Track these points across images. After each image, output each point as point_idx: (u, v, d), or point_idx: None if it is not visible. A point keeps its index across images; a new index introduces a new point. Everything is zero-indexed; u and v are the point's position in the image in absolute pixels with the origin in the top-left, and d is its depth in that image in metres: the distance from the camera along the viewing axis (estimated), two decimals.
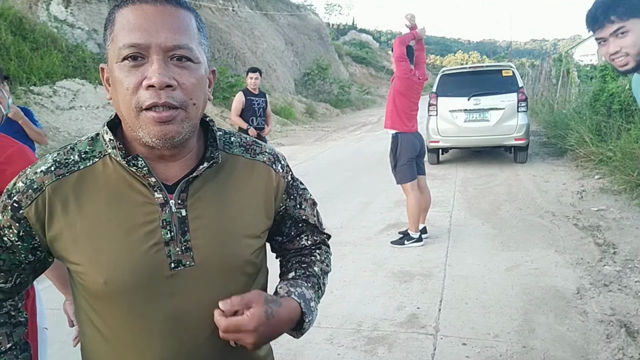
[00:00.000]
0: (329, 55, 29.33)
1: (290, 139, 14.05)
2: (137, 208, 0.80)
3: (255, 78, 5.76)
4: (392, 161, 4.34)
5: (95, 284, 0.79)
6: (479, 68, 8.92)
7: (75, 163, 0.81)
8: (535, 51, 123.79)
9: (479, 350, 2.67)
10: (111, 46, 0.77)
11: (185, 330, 0.82)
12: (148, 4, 0.75)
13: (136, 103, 0.75)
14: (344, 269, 3.96)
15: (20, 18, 10.88)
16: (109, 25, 0.78)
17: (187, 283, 0.81)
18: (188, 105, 0.77)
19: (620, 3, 1.44)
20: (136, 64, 0.75)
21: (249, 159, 0.91)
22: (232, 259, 0.85)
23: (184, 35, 0.77)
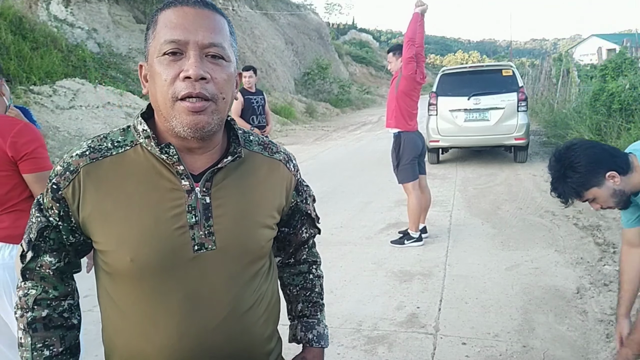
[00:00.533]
0: (329, 55, 29.31)
1: (290, 138, 14.04)
2: (166, 193, 0.87)
3: (249, 76, 5.74)
4: (395, 160, 4.34)
5: (121, 262, 0.85)
6: (479, 68, 8.91)
7: (108, 149, 0.88)
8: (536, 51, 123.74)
9: (479, 349, 2.67)
10: (153, 43, 0.85)
11: (203, 310, 0.88)
12: (189, 6, 0.84)
13: (172, 93, 0.82)
14: (344, 269, 3.96)
15: (20, 17, 10.87)
16: (152, 25, 0.87)
17: (208, 265, 0.88)
18: (218, 99, 0.85)
19: (569, 190, 1.65)
20: (175, 58, 0.83)
21: (267, 157, 1.00)
22: (251, 245, 0.93)
23: (219, 35, 0.86)
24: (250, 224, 0.93)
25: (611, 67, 9.46)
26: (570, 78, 12.76)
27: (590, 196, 1.65)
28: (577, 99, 10.89)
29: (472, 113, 7.96)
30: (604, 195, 1.63)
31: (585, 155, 1.62)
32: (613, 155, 1.63)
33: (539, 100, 16.42)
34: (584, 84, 11.69)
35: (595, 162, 1.60)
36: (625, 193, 1.62)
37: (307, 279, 1.18)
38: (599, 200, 1.65)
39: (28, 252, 0.91)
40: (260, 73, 19.31)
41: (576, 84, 12.05)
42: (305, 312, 1.16)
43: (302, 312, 1.16)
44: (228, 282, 0.90)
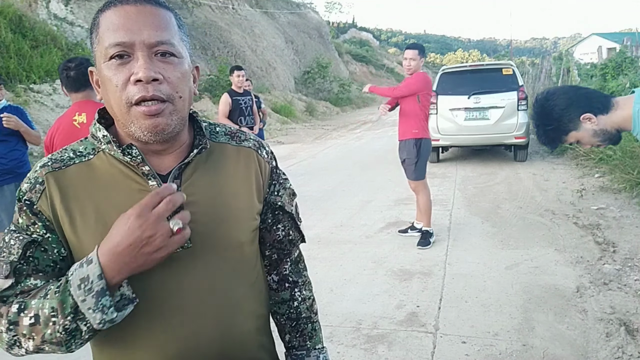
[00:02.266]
0: (329, 54, 29.29)
1: (290, 137, 14.04)
2: (134, 195, 0.83)
3: (241, 76, 5.71)
4: (414, 159, 4.33)
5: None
6: (479, 66, 8.90)
7: (71, 159, 0.86)
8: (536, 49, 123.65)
9: (479, 348, 2.68)
10: (98, 47, 0.82)
11: (183, 312, 0.85)
12: (129, 4, 0.80)
13: (126, 99, 0.79)
14: (343, 268, 3.97)
15: (20, 16, 10.86)
16: (94, 29, 0.83)
17: (185, 265, 0.85)
18: (175, 98, 0.81)
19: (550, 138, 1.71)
20: (123, 61, 0.79)
21: (235, 146, 0.96)
22: (227, 240, 0.90)
23: (166, 32, 0.81)
24: (225, 218, 0.89)
25: (611, 66, 9.46)
26: (570, 77, 12.75)
27: (573, 139, 1.67)
28: None
29: (472, 112, 7.95)
30: (585, 137, 1.64)
31: (559, 102, 1.65)
32: (589, 98, 1.64)
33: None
34: (584, 83, 11.68)
35: (568, 107, 1.63)
36: (608, 131, 1.63)
37: (291, 307, 1.09)
38: (583, 141, 1.67)
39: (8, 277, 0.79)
40: (260, 72, 19.35)
41: (576, 82, 12.04)
42: (293, 343, 1.09)
43: (291, 343, 1.09)
44: (207, 279, 0.87)
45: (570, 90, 1.70)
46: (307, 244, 3.84)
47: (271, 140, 12.69)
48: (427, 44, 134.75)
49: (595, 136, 1.64)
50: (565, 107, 1.63)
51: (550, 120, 1.67)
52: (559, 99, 1.65)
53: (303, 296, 1.10)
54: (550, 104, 1.67)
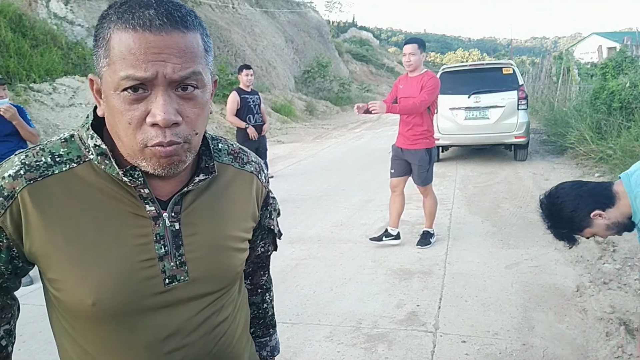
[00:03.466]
0: (329, 53, 29.27)
1: (290, 136, 14.03)
2: (127, 220, 0.75)
3: (250, 75, 5.76)
4: (426, 166, 4.19)
5: (80, 304, 0.74)
6: (479, 66, 8.90)
7: (49, 167, 0.74)
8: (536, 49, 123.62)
9: (479, 347, 2.68)
10: (107, 71, 0.70)
11: (176, 346, 0.80)
12: (152, 32, 0.68)
13: (141, 140, 0.71)
14: (343, 267, 3.97)
15: (20, 15, 10.85)
16: (102, 45, 0.71)
17: (180, 298, 0.79)
18: (192, 138, 0.74)
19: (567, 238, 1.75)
20: (137, 96, 0.69)
21: (237, 169, 0.90)
22: (225, 271, 0.85)
23: (192, 63, 0.71)
24: (224, 248, 0.84)
25: (612, 65, 9.44)
26: (570, 76, 12.75)
27: (589, 234, 1.69)
28: (577, 97, 10.89)
29: (472, 111, 7.95)
30: (600, 231, 1.67)
31: (566, 205, 1.67)
32: (593, 194, 1.66)
33: (539, 99, 16.40)
34: (584, 82, 11.68)
35: (576, 209, 1.65)
36: (620, 222, 1.65)
37: (260, 308, 1.11)
38: (599, 234, 1.69)
39: None
40: (260, 71, 19.34)
41: (576, 82, 12.04)
42: (258, 334, 1.12)
43: (255, 333, 1.12)
44: (202, 312, 0.82)
45: (572, 189, 1.71)
46: (307, 244, 3.87)
47: (271, 140, 12.67)
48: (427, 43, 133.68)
49: (609, 229, 1.67)
50: (574, 209, 1.65)
51: (562, 222, 1.69)
52: (566, 202, 1.67)
53: (270, 297, 1.13)
54: (558, 208, 1.69)
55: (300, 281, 3.70)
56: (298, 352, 2.71)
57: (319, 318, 3.09)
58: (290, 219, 5.48)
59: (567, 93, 12.52)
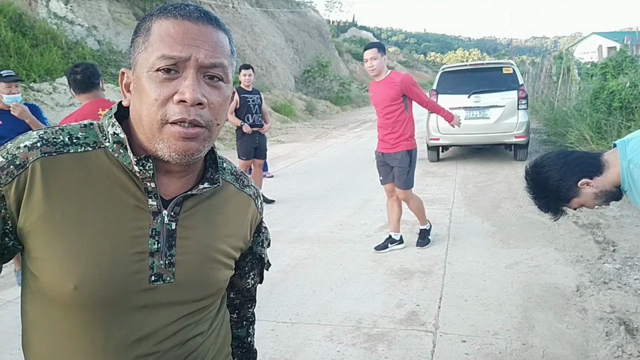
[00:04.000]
0: (329, 53, 29.27)
1: (290, 136, 14.03)
2: (128, 211, 0.77)
3: (248, 75, 5.76)
4: (406, 168, 4.12)
5: (61, 287, 0.73)
6: (479, 65, 8.90)
7: (65, 145, 0.76)
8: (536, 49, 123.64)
9: (479, 347, 2.68)
10: (144, 54, 0.75)
11: (147, 351, 0.78)
12: (191, 21, 0.75)
13: (162, 115, 0.74)
14: (343, 266, 3.97)
15: (20, 14, 10.85)
16: (143, 33, 0.77)
17: (161, 300, 0.79)
18: (212, 125, 0.77)
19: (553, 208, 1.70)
20: (169, 77, 0.74)
21: (237, 189, 0.93)
22: (210, 282, 0.85)
23: (222, 55, 0.77)
24: (212, 259, 0.85)
25: (612, 65, 9.44)
26: (570, 76, 12.74)
27: (576, 205, 1.66)
28: (577, 97, 10.89)
29: (473, 111, 7.95)
30: (588, 201, 1.63)
31: (552, 174, 1.64)
32: (580, 162, 1.62)
33: (539, 98, 16.40)
34: (584, 82, 11.68)
35: (563, 177, 1.61)
36: (608, 191, 1.61)
37: (244, 342, 1.12)
38: (586, 205, 1.65)
39: None
40: (260, 71, 19.35)
41: (576, 82, 12.03)
42: None
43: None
44: (179, 320, 0.81)
45: (559, 158, 1.67)
46: (307, 244, 3.87)
47: (271, 139, 12.67)
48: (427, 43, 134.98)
49: (597, 198, 1.63)
50: (560, 178, 1.62)
51: (547, 192, 1.66)
52: (552, 171, 1.64)
53: (254, 330, 1.14)
54: (543, 177, 1.66)
55: (300, 281, 3.70)
56: (298, 352, 2.71)
57: (318, 318, 3.09)
58: (290, 218, 5.48)
59: (567, 93, 12.52)
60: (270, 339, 2.82)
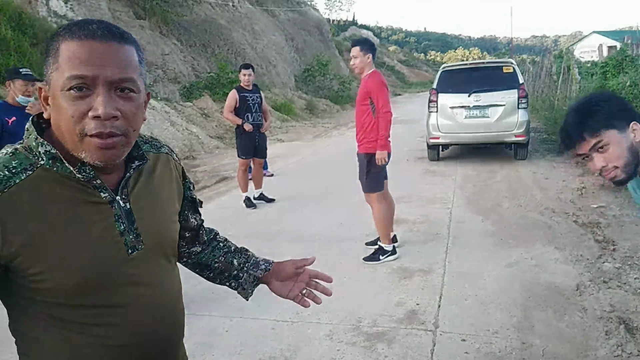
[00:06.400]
0: (329, 51, 29.24)
1: (290, 135, 14.03)
2: (89, 208, 0.87)
3: (248, 74, 5.77)
4: (364, 170, 4.01)
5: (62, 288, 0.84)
6: (479, 64, 8.90)
7: (9, 178, 0.82)
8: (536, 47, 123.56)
9: (478, 346, 2.68)
10: (55, 74, 0.82)
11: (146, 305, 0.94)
12: (95, 40, 0.82)
13: (81, 130, 0.81)
14: (344, 265, 3.97)
15: (19, 13, 10.83)
16: (52, 54, 0.83)
17: (142, 267, 0.93)
18: (129, 132, 0.86)
19: (588, 119, 1.42)
20: (82, 94, 0.81)
21: (155, 153, 1.04)
22: (168, 240, 1.01)
23: (128, 69, 0.85)
24: (165, 219, 1.01)
25: (612, 64, 9.44)
26: (570, 75, 12.73)
27: (605, 140, 1.41)
28: (577, 96, 10.88)
29: (473, 110, 7.94)
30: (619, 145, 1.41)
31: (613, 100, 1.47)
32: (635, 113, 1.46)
33: (539, 97, 16.40)
34: (584, 81, 11.67)
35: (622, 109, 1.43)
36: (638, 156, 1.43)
37: (222, 246, 1.24)
38: (610, 150, 1.42)
39: None
40: (260, 69, 19.31)
41: (577, 81, 12.02)
42: (242, 261, 1.23)
43: (240, 264, 1.22)
44: (160, 275, 0.97)
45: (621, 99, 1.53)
46: (307, 243, 3.87)
47: (271, 138, 12.67)
48: (427, 42, 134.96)
49: (628, 151, 1.43)
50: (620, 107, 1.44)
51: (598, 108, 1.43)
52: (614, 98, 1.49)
53: (221, 236, 1.27)
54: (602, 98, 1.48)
55: None
56: (298, 351, 2.71)
57: (318, 317, 3.09)
58: (290, 217, 5.48)
59: (568, 92, 12.51)
60: (270, 338, 2.83)
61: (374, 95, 3.89)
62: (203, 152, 11.02)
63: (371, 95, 3.91)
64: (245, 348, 2.74)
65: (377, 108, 3.88)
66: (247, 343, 2.79)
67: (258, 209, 5.90)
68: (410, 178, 7.15)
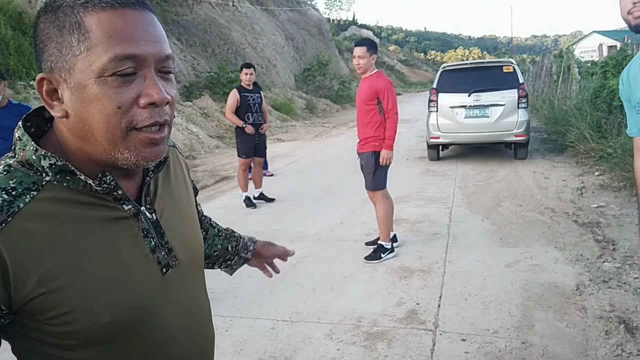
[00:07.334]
0: (329, 51, 29.24)
1: (290, 134, 14.03)
2: (111, 225, 0.72)
3: (250, 74, 5.77)
4: (371, 169, 4.02)
5: (94, 327, 0.69)
6: (479, 64, 8.89)
7: (10, 204, 0.64)
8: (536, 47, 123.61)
9: (478, 346, 2.68)
10: (85, 57, 0.64)
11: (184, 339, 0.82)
12: (130, 8, 0.65)
13: (128, 122, 0.66)
14: (343, 265, 3.97)
15: (19, 13, 10.84)
16: (73, 30, 0.64)
17: (177, 287, 0.81)
18: (171, 121, 0.73)
19: None
20: (126, 80, 0.65)
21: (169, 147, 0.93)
22: (199, 251, 0.89)
23: (167, 43, 0.70)
24: (192, 227, 0.88)
25: (612, 64, 9.42)
26: (571, 75, 12.73)
27: None
28: (577, 95, 10.88)
29: (473, 110, 7.95)
30: None
31: None
32: None
33: (539, 97, 16.39)
34: (584, 80, 11.66)
35: None
36: None
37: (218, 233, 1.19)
38: None
39: None
40: (260, 69, 19.32)
41: (577, 80, 12.01)
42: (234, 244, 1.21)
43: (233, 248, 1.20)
44: (196, 293, 0.86)
45: None
46: (307, 242, 3.88)
47: (271, 138, 12.67)
48: (427, 42, 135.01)
49: None
50: None
51: None
52: None
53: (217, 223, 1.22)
54: None
55: (300, 279, 3.70)
56: (298, 350, 2.71)
57: (318, 316, 3.09)
58: (290, 217, 5.48)
59: (568, 91, 12.51)
60: (270, 337, 2.83)
61: (383, 96, 3.93)
62: (203, 151, 11.02)
63: (379, 96, 3.94)
64: (245, 348, 2.74)
65: (387, 109, 3.93)
66: (247, 343, 2.79)
67: (258, 208, 5.91)
68: (410, 178, 7.15)
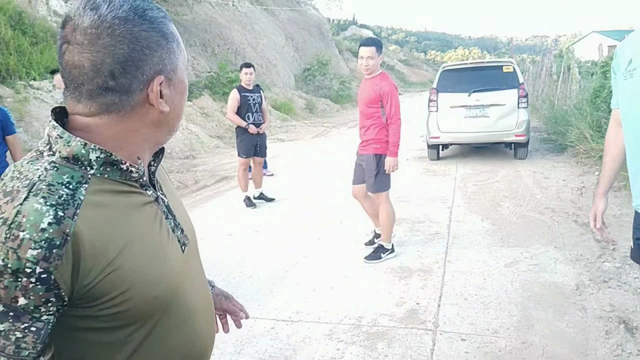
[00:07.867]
0: (329, 51, 29.22)
1: (290, 134, 14.03)
2: (145, 209, 0.82)
3: (249, 73, 5.77)
4: (373, 171, 3.99)
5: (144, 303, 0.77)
6: (479, 64, 8.89)
7: (73, 197, 0.70)
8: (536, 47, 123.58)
9: (478, 345, 2.68)
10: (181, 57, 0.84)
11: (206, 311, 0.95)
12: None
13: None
14: (343, 265, 3.97)
15: (19, 12, 10.83)
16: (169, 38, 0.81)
17: (192, 264, 0.93)
18: None
19: None
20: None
21: None
22: (194, 230, 0.98)
23: None
24: (183, 208, 0.98)
25: (612, 64, 9.43)
26: (571, 75, 12.73)
27: None
28: (577, 95, 10.88)
29: (473, 110, 7.94)
30: None
31: None
32: None
33: (539, 97, 16.39)
34: (584, 80, 11.66)
35: None
36: None
37: None
38: None
39: None
40: (261, 69, 19.31)
41: (577, 80, 12.01)
42: None
43: None
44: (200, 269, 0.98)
45: None
46: (307, 242, 3.86)
47: (271, 138, 12.67)
48: (427, 42, 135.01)
49: None
50: None
51: None
52: None
53: None
54: None
55: (300, 279, 3.70)
56: (298, 350, 2.71)
57: (318, 316, 3.09)
58: (290, 217, 5.48)
59: (568, 91, 12.51)
60: (269, 337, 2.83)
61: (386, 100, 3.84)
62: (203, 151, 11.02)
63: (383, 99, 3.85)
64: (245, 348, 2.74)
65: (390, 114, 3.84)
66: (247, 343, 2.79)
67: (258, 208, 5.91)
68: (410, 178, 7.14)
